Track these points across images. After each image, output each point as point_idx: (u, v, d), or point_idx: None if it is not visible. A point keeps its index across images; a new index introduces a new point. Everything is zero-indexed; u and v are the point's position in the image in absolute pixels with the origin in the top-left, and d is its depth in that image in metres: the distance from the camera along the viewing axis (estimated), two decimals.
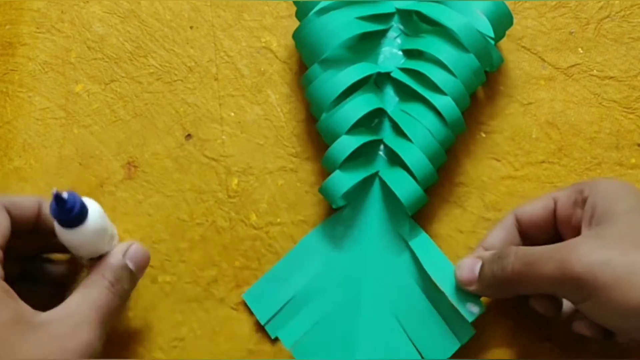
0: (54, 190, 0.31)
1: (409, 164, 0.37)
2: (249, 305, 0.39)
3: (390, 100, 0.40)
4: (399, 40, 0.41)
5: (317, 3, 0.40)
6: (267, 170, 0.41)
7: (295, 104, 0.43)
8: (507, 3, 0.44)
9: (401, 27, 0.42)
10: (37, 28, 0.46)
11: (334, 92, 0.38)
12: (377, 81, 0.41)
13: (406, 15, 0.42)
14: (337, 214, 0.40)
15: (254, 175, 0.41)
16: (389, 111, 0.40)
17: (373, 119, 0.40)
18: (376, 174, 0.39)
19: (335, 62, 0.39)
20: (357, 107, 0.38)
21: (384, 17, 0.41)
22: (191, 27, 0.45)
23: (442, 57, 0.38)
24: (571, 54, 0.43)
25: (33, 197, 0.34)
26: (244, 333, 0.39)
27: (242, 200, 0.41)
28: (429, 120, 0.38)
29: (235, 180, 0.41)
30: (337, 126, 0.38)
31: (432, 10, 0.40)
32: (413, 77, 0.39)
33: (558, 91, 0.42)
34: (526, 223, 0.36)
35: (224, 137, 0.42)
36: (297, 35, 0.41)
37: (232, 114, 0.43)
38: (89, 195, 0.41)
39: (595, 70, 0.42)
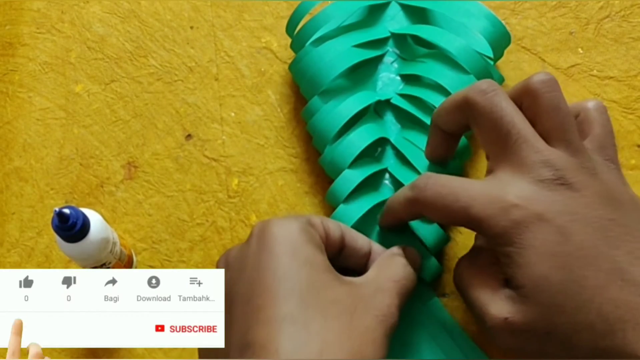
0: (57, 208, 0.32)
1: None
2: None
3: (391, 127, 0.40)
4: (395, 65, 0.41)
5: (312, 33, 0.39)
6: (267, 171, 0.41)
7: (295, 105, 0.43)
8: (507, 3, 0.44)
9: (397, 51, 0.41)
10: (37, 28, 0.46)
11: (336, 125, 0.38)
12: (377, 108, 0.40)
13: (401, 39, 0.41)
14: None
15: (254, 175, 0.41)
16: (391, 139, 0.39)
17: (376, 148, 0.39)
18: (384, 203, 0.38)
19: (334, 93, 0.39)
20: (359, 139, 0.38)
21: (379, 42, 0.41)
22: (191, 27, 0.45)
23: (443, 82, 0.37)
24: (571, 54, 0.43)
25: (366, 238, 0.33)
26: None
27: (242, 201, 0.41)
28: None
29: (236, 181, 0.41)
30: (340, 160, 0.38)
31: (429, 34, 0.39)
32: (413, 103, 0.39)
33: None
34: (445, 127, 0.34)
35: (224, 137, 0.42)
36: (294, 68, 0.41)
37: (233, 114, 0.43)
38: (89, 195, 0.41)
39: (595, 71, 0.42)
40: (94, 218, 0.35)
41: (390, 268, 0.31)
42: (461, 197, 0.29)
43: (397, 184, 0.38)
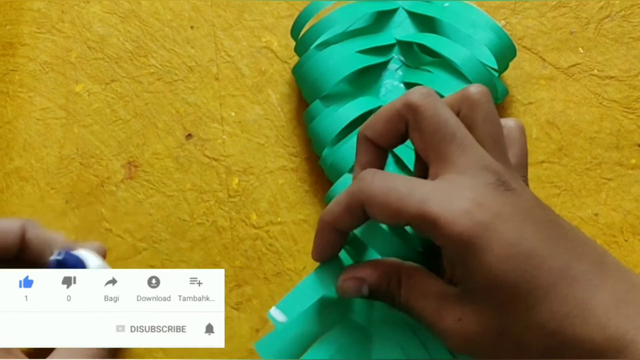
0: (54, 255, 0.32)
1: None
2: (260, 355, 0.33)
3: None
4: (400, 72, 0.41)
5: (317, 37, 0.39)
6: (267, 170, 0.42)
7: (295, 104, 0.43)
8: (507, 3, 0.44)
9: (402, 58, 0.41)
10: (38, 28, 0.46)
11: (335, 129, 0.38)
12: None
13: (406, 47, 0.41)
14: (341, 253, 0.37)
15: (254, 174, 0.41)
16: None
17: None
18: None
19: (336, 98, 0.39)
20: None
21: (384, 49, 0.41)
22: (192, 27, 0.45)
23: (446, 92, 0.37)
24: (572, 54, 0.43)
25: (16, 221, 0.32)
26: (244, 333, 0.39)
27: (242, 200, 0.41)
28: None
29: (236, 180, 0.41)
30: (340, 163, 0.37)
31: (434, 43, 0.39)
32: None
33: (558, 91, 0.42)
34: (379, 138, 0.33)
35: (224, 136, 0.42)
36: (297, 71, 0.41)
37: (233, 113, 0.43)
38: (90, 195, 0.42)
39: (595, 70, 0.42)
40: (93, 262, 0.35)
41: None
42: (415, 191, 0.28)
43: None
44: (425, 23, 0.41)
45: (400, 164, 0.38)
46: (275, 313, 0.32)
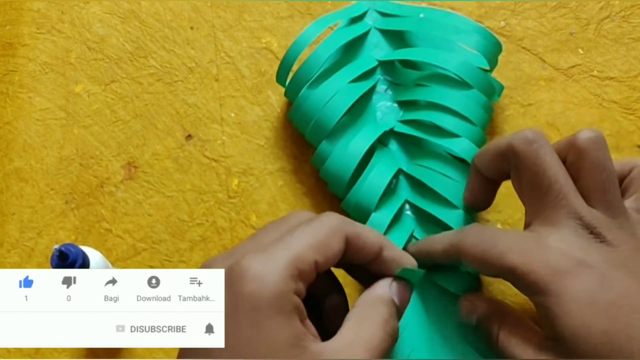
0: (57, 246, 0.32)
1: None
2: None
3: (398, 155, 0.39)
4: (389, 92, 0.40)
5: (306, 78, 0.39)
6: (267, 171, 0.41)
7: None
8: (507, 4, 0.44)
9: (388, 78, 0.41)
10: (37, 29, 0.46)
11: (349, 169, 0.37)
12: (381, 138, 0.39)
13: (388, 65, 0.41)
14: None
15: (254, 175, 0.41)
16: (404, 169, 0.38)
17: (392, 180, 0.38)
18: (411, 235, 0.37)
19: (338, 133, 0.38)
20: (379, 177, 0.37)
21: (368, 73, 0.40)
22: (192, 28, 0.45)
23: (449, 103, 0.37)
24: (571, 55, 0.43)
25: (378, 236, 0.29)
26: None
27: (242, 201, 0.41)
28: (451, 170, 0.37)
29: (236, 181, 0.41)
30: (365, 202, 0.37)
31: (424, 56, 0.39)
32: (415, 127, 0.38)
33: (558, 92, 0.42)
34: (486, 172, 0.34)
35: (224, 137, 0.42)
36: (294, 115, 0.40)
37: (233, 114, 0.43)
38: (89, 195, 0.41)
39: (595, 71, 0.42)
40: (95, 257, 0.35)
41: (368, 328, 0.27)
42: (499, 244, 0.29)
43: (419, 214, 0.38)
44: (399, 38, 0.41)
45: (415, 184, 0.38)
46: None
